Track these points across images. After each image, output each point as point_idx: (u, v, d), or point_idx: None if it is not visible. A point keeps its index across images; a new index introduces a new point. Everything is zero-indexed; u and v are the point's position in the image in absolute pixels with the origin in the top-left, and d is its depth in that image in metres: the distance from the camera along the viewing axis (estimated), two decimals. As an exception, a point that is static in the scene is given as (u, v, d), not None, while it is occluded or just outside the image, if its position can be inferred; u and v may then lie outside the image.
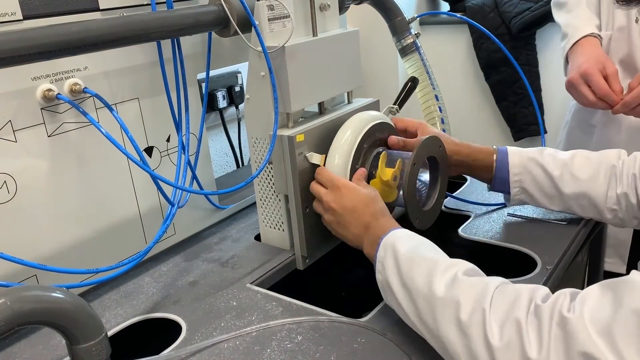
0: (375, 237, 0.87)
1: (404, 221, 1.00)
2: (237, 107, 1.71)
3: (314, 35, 1.05)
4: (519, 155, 1.06)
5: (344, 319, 0.86)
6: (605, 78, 1.20)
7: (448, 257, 0.78)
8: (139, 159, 0.89)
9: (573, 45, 1.30)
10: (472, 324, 0.66)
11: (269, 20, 0.98)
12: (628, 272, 0.89)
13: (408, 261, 0.78)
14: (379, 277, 0.83)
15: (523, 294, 0.66)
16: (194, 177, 1.12)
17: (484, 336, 0.64)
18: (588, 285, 1.37)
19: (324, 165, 1.01)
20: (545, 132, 1.98)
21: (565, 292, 0.63)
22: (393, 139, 1.07)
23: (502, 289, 0.68)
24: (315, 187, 0.99)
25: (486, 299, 0.67)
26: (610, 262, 1.51)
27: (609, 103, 1.21)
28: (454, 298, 0.69)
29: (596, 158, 1.02)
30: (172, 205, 1.02)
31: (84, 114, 0.89)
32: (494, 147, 1.08)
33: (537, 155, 1.05)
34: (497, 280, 0.71)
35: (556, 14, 1.42)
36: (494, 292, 0.68)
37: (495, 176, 1.07)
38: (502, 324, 0.64)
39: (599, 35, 1.31)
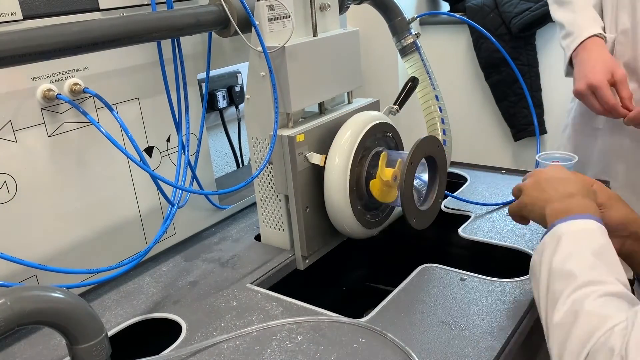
0: (562, 211, 0.78)
1: (404, 221, 1.01)
2: (237, 107, 1.71)
3: (314, 35, 1.05)
4: None
5: (344, 319, 0.86)
6: (614, 84, 1.19)
7: (603, 271, 0.69)
8: (139, 159, 0.89)
9: (578, 45, 1.28)
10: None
11: (269, 20, 0.98)
12: (637, 277, 0.87)
13: (559, 267, 0.72)
14: (534, 257, 0.77)
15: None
16: (194, 177, 1.12)
17: None
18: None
19: (324, 165, 1.01)
20: (545, 132, 1.97)
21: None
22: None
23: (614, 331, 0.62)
24: None
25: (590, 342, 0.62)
26: None
27: (616, 116, 1.20)
28: (566, 328, 0.66)
29: None
30: (172, 205, 1.02)
31: (84, 114, 0.89)
32: None
33: None
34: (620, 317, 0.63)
35: (556, 12, 1.39)
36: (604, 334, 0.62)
37: None
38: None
39: (605, 37, 1.30)
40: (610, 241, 0.74)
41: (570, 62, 1.31)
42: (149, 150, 1.07)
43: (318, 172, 1.03)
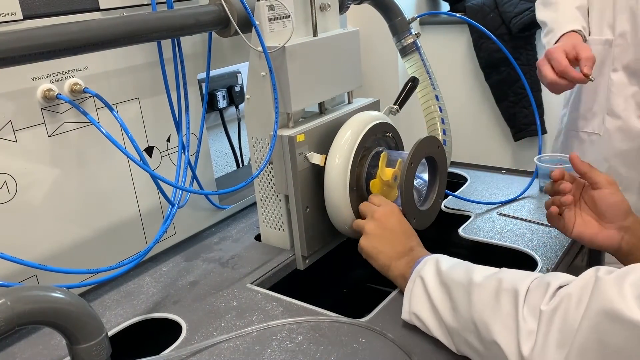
0: (416, 257, 0.87)
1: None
2: (237, 107, 1.71)
3: (314, 35, 1.05)
4: None
5: (344, 319, 0.86)
6: (577, 59, 1.18)
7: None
8: (139, 159, 0.89)
9: (557, 40, 1.30)
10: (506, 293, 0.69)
11: (269, 20, 0.98)
12: None
13: (449, 269, 0.79)
14: (409, 285, 0.83)
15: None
16: (194, 177, 1.12)
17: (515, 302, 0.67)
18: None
19: (324, 165, 1.01)
20: (545, 132, 1.98)
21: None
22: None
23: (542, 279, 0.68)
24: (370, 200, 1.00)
25: (524, 282, 0.68)
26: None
27: (569, 79, 1.17)
28: (493, 280, 0.71)
29: None
30: (172, 205, 1.02)
31: (84, 114, 0.89)
32: None
33: None
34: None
35: (541, 12, 1.41)
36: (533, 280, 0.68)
37: None
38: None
39: (583, 34, 1.30)
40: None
41: None
42: (149, 150, 1.07)
43: (318, 172, 1.03)
